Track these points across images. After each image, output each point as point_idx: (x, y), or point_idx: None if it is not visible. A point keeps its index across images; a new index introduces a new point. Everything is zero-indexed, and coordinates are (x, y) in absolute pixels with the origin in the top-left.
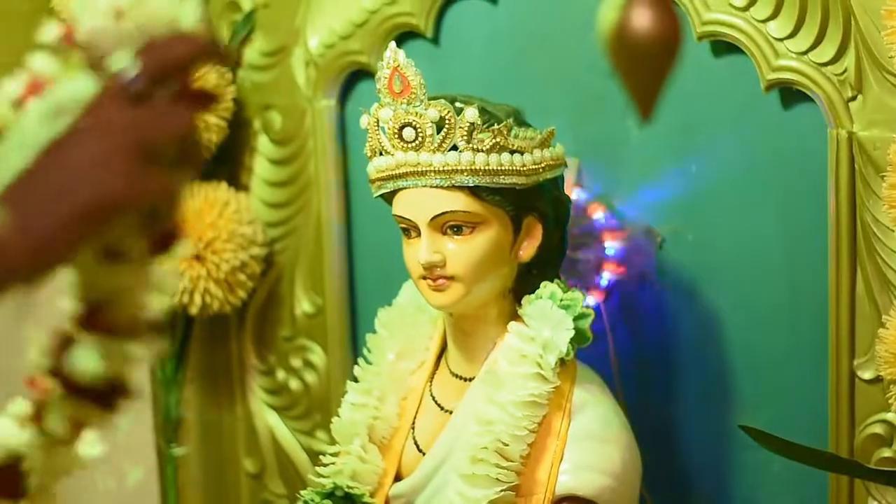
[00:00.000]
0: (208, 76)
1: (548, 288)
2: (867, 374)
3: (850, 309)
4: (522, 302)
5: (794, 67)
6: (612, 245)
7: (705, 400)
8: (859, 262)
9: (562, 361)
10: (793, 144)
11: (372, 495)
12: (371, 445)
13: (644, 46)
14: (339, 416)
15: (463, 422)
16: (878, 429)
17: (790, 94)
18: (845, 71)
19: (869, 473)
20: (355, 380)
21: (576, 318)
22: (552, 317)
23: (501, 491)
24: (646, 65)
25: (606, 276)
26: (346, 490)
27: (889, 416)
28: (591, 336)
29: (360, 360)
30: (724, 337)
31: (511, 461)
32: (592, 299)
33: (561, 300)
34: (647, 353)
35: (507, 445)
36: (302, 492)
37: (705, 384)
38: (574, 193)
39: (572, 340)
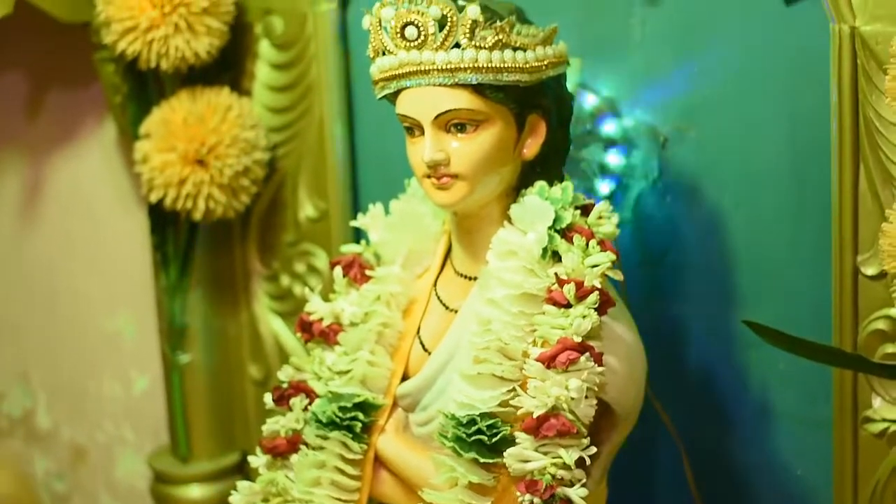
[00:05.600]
0: None
1: (537, 185)
2: (870, 271)
3: (853, 205)
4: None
5: None
6: (615, 144)
7: (709, 298)
8: (862, 157)
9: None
10: (795, 41)
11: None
12: (379, 347)
13: None
14: None
15: (466, 321)
16: (881, 325)
17: None
18: None
19: (874, 368)
20: None
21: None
22: (537, 210)
23: (508, 392)
24: None
25: (609, 175)
26: (356, 401)
27: (893, 311)
28: None
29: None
30: (728, 235)
31: (513, 359)
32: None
33: (547, 197)
34: (650, 252)
35: (507, 345)
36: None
37: (709, 282)
38: (577, 93)
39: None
